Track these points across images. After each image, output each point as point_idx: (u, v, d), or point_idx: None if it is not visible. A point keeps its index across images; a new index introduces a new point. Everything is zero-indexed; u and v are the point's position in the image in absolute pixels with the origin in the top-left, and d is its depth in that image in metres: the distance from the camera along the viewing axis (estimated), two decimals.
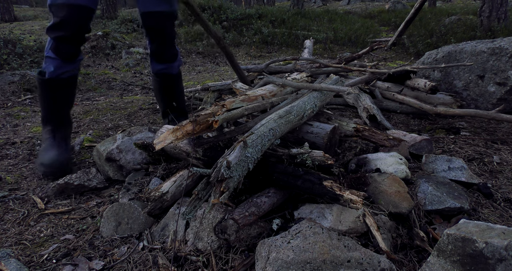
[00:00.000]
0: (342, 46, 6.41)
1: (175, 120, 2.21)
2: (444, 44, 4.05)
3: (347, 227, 1.18)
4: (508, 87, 2.34)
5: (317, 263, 0.98)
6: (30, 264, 1.20)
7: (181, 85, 2.37)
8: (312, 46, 4.82)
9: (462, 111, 2.23)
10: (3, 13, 9.54)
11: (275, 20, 7.77)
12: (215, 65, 5.49)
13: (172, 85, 2.28)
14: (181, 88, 2.37)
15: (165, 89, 2.29)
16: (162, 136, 1.23)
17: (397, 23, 7.45)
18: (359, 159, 1.58)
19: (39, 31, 6.91)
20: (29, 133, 2.52)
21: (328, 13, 8.88)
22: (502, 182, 1.60)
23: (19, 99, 3.45)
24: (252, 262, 1.10)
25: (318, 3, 14.66)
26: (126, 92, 3.95)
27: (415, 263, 1.11)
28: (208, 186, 1.10)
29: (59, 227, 1.43)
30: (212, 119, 1.26)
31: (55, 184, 1.66)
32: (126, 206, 1.37)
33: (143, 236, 1.30)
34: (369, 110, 2.30)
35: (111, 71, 5.11)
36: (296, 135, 1.56)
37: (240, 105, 1.44)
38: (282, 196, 1.30)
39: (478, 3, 8.13)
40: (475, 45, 2.58)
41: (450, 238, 0.89)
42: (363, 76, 2.75)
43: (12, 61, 4.14)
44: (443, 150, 1.94)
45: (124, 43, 6.38)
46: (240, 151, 1.11)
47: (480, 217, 1.33)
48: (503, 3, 5.48)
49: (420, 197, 1.35)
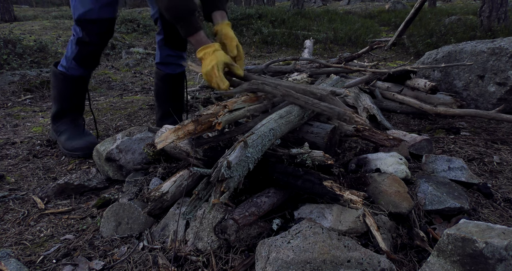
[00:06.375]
0: (342, 46, 6.41)
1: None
2: (444, 44, 4.05)
3: (347, 227, 1.18)
4: (508, 87, 2.34)
5: (317, 263, 0.98)
6: (30, 264, 1.20)
7: (183, 87, 2.33)
8: (312, 46, 4.83)
9: (462, 111, 2.23)
10: (3, 13, 9.54)
11: (275, 20, 7.77)
12: None
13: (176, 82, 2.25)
14: (182, 90, 2.33)
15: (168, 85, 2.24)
16: (163, 135, 1.23)
17: (397, 23, 7.45)
18: (359, 159, 1.58)
19: (39, 31, 6.90)
20: (29, 133, 2.52)
21: (328, 13, 8.89)
22: (502, 182, 1.60)
23: (19, 99, 3.45)
24: (252, 262, 1.10)
25: (318, 3, 14.66)
26: (126, 92, 3.95)
27: (415, 263, 1.11)
28: (208, 186, 1.10)
29: (59, 227, 1.43)
30: (215, 121, 1.25)
31: (55, 184, 1.66)
32: (126, 206, 1.37)
33: (143, 236, 1.30)
34: (369, 110, 2.30)
35: (111, 71, 5.12)
36: (296, 135, 1.56)
37: (242, 106, 1.44)
38: (282, 196, 1.30)
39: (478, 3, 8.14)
40: (475, 45, 2.58)
41: (450, 238, 0.89)
42: (363, 76, 2.74)
43: (12, 61, 4.14)
44: (443, 150, 1.94)
45: (124, 43, 6.38)
46: (241, 151, 1.11)
47: (480, 217, 1.33)
48: (503, 3, 5.48)
49: (420, 197, 1.35)
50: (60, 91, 2.05)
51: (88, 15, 1.81)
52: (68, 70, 1.97)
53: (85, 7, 1.79)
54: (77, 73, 1.99)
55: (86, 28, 1.85)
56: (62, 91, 2.05)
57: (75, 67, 1.96)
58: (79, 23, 1.85)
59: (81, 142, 1.99)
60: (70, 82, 2.01)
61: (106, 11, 1.83)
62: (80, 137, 2.05)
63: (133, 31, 7.50)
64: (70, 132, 2.06)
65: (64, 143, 2.06)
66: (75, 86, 2.04)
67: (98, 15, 1.81)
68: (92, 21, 1.82)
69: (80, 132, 2.08)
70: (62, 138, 2.08)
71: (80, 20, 1.83)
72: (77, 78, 2.00)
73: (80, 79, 2.02)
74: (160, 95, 2.31)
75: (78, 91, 2.07)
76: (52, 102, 2.12)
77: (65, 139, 2.06)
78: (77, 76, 1.99)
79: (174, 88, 2.27)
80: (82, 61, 1.95)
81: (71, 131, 2.06)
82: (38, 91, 3.66)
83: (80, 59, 1.94)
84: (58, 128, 2.10)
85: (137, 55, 5.78)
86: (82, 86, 2.06)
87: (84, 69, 1.99)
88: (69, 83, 2.01)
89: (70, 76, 1.98)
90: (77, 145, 1.98)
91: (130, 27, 7.66)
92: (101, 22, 1.85)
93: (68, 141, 2.04)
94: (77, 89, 2.06)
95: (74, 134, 2.05)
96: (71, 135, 2.05)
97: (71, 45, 1.93)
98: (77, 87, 2.05)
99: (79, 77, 2.00)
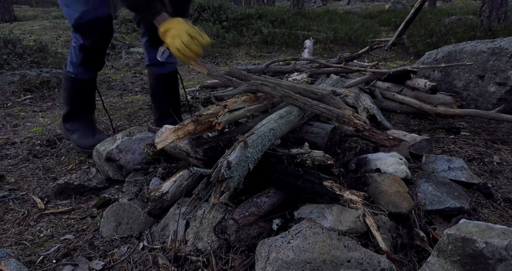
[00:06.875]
0: (342, 46, 6.41)
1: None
2: (444, 44, 4.05)
3: (347, 227, 1.18)
4: (508, 87, 2.34)
5: (317, 263, 0.98)
6: (30, 264, 1.20)
7: (177, 86, 2.33)
8: (312, 46, 4.83)
9: (462, 111, 2.23)
10: (3, 13, 9.53)
11: (275, 20, 7.77)
12: (215, 65, 5.49)
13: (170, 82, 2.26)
14: (177, 88, 2.33)
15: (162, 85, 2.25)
16: (163, 135, 1.23)
17: (397, 23, 7.45)
18: (359, 159, 1.58)
19: (39, 31, 6.91)
20: (29, 133, 2.52)
21: (328, 13, 8.88)
22: (502, 182, 1.60)
23: (19, 99, 3.45)
24: (252, 262, 1.10)
25: (318, 3, 14.65)
26: (126, 92, 3.95)
27: (415, 263, 1.11)
28: (208, 186, 1.10)
29: (59, 227, 1.43)
30: (215, 121, 1.25)
31: (55, 184, 1.66)
32: (126, 206, 1.37)
33: (143, 236, 1.30)
34: (369, 110, 2.30)
35: (111, 71, 5.11)
36: (296, 135, 1.56)
37: (242, 106, 1.44)
38: (282, 196, 1.30)
39: (478, 3, 8.13)
40: (475, 45, 2.58)
41: (450, 238, 0.89)
42: (363, 76, 2.74)
43: (12, 61, 4.14)
44: (443, 150, 1.94)
45: (124, 43, 6.38)
46: (241, 151, 1.11)
47: (480, 217, 1.33)
48: (503, 3, 5.48)
49: (420, 197, 1.35)
50: (72, 94, 2.10)
51: (85, 17, 1.79)
52: (77, 75, 2.01)
53: (79, 11, 1.77)
54: (86, 77, 2.03)
55: (86, 33, 1.85)
56: (73, 93, 2.09)
57: (83, 72, 1.99)
58: (77, 29, 1.83)
59: (94, 140, 2.02)
60: (80, 86, 2.06)
61: (101, 10, 1.81)
62: (93, 134, 2.10)
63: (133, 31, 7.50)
64: (82, 131, 2.11)
65: (77, 141, 2.10)
66: (85, 88, 2.09)
67: (94, 15, 1.79)
68: (90, 23, 1.81)
69: (92, 130, 2.14)
70: (75, 136, 2.12)
71: (77, 25, 1.81)
72: (86, 81, 2.05)
73: (90, 81, 2.07)
74: (155, 95, 2.33)
75: (89, 92, 2.12)
76: (63, 103, 2.18)
77: (77, 137, 2.11)
78: (86, 79, 2.04)
79: (169, 88, 2.29)
80: (89, 65, 1.98)
81: (84, 130, 2.11)
82: (38, 91, 3.66)
83: (86, 64, 1.96)
84: (71, 127, 2.15)
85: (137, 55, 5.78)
86: (91, 87, 2.12)
87: (92, 71, 2.04)
88: (80, 87, 2.06)
89: (80, 80, 2.02)
90: (90, 143, 2.02)
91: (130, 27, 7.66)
92: (99, 22, 1.83)
93: (81, 139, 2.09)
94: (87, 91, 2.11)
95: (86, 132, 2.11)
96: (84, 133, 2.10)
97: (74, 51, 1.94)
98: (87, 89, 2.10)
99: (89, 80, 2.06)
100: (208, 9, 7.73)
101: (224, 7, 7.83)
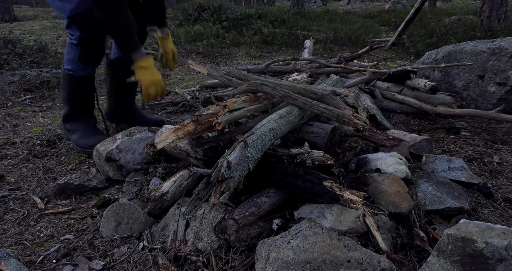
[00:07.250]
0: (342, 46, 6.41)
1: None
2: (444, 44, 4.05)
3: (347, 227, 1.18)
4: (508, 87, 2.34)
5: (317, 263, 0.98)
6: (30, 264, 1.20)
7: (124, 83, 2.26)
8: (312, 46, 4.83)
9: (462, 111, 2.23)
10: (3, 13, 9.53)
11: (275, 20, 7.76)
12: (215, 65, 5.49)
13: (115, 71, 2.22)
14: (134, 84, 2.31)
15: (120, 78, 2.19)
16: (163, 135, 1.23)
17: (397, 23, 7.45)
18: (359, 159, 1.58)
19: (39, 31, 6.91)
20: (29, 133, 2.52)
21: (328, 13, 8.88)
22: (502, 182, 1.60)
23: (19, 99, 3.45)
24: (252, 262, 1.10)
25: (318, 3, 14.65)
26: None
27: (415, 263, 1.11)
28: (208, 186, 1.10)
29: (59, 227, 1.43)
30: (215, 121, 1.25)
31: (55, 184, 1.66)
32: (126, 206, 1.37)
33: (143, 236, 1.30)
34: (369, 110, 2.30)
35: None
36: (296, 135, 1.56)
37: (242, 106, 1.44)
38: (282, 196, 1.30)
39: (478, 3, 8.14)
40: (475, 45, 2.58)
41: (450, 238, 0.89)
42: (363, 76, 2.74)
43: (12, 61, 4.14)
44: (443, 150, 1.94)
45: None
46: (241, 151, 1.11)
47: (480, 217, 1.33)
48: (503, 3, 5.48)
49: (420, 197, 1.35)
50: (71, 93, 2.09)
51: (81, 7, 1.77)
52: (75, 72, 2.00)
53: (74, 2, 1.76)
54: (85, 73, 2.02)
55: (83, 24, 1.83)
56: (72, 92, 2.09)
57: (82, 68, 1.98)
58: (74, 21, 1.82)
59: (94, 140, 2.02)
60: (79, 83, 2.05)
61: None
62: (93, 134, 2.11)
63: None
64: (82, 131, 2.12)
65: (77, 140, 2.11)
66: (84, 86, 2.08)
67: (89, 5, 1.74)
68: (87, 13, 1.76)
69: (92, 130, 2.15)
70: (75, 136, 2.13)
71: (74, 16, 1.80)
72: (85, 79, 2.04)
73: (88, 79, 2.07)
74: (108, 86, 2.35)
75: (87, 91, 2.12)
76: (63, 103, 2.18)
77: (78, 137, 2.11)
78: (85, 77, 2.03)
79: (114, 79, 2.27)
80: (88, 59, 1.96)
81: (84, 130, 2.12)
82: (38, 91, 3.66)
83: (85, 58, 1.95)
84: (71, 127, 2.15)
85: None
86: (90, 85, 2.11)
87: (91, 66, 2.02)
88: (78, 84, 2.06)
89: (79, 77, 2.01)
90: (90, 143, 2.02)
91: None
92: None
93: (81, 139, 2.09)
94: (86, 89, 2.11)
95: (86, 132, 2.12)
96: (84, 133, 2.11)
97: (71, 47, 1.93)
98: (86, 87, 2.10)
99: (87, 77, 2.05)
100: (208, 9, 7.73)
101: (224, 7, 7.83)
